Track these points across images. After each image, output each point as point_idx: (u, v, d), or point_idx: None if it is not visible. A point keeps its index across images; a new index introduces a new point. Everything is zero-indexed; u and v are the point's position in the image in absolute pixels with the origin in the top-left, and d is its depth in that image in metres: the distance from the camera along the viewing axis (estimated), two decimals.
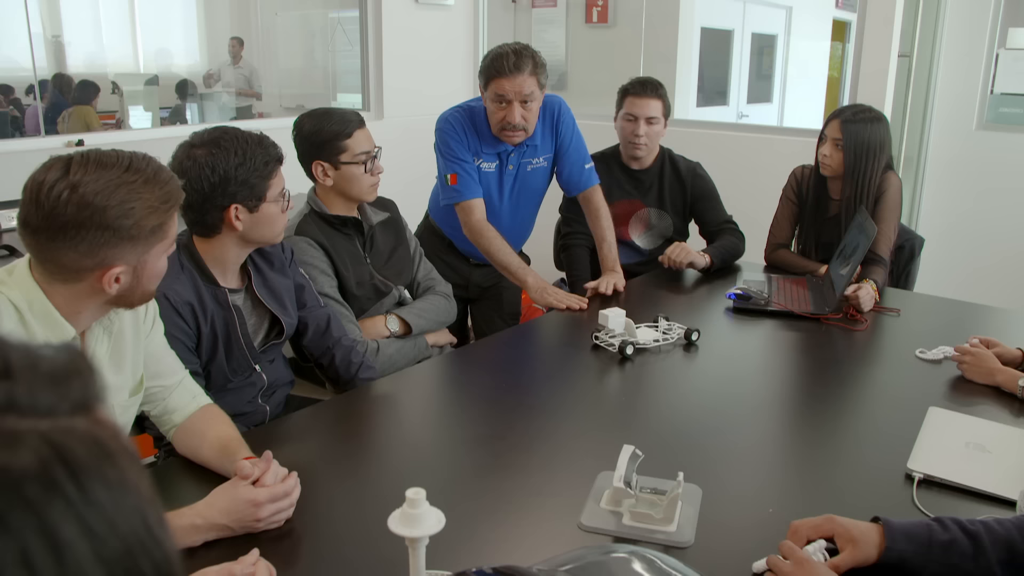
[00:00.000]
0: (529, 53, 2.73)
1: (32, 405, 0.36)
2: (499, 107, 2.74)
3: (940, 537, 1.29)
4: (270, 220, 1.92)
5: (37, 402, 0.36)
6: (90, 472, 0.35)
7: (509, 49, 2.71)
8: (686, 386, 2.22)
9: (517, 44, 2.76)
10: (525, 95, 2.72)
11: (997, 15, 4.18)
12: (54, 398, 0.37)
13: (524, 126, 2.78)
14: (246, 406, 2.03)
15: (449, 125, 2.86)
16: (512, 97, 2.71)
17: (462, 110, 2.90)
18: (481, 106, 2.87)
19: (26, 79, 4.84)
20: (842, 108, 2.95)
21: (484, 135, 2.87)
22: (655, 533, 1.43)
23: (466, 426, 1.98)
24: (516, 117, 2.74)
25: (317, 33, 6.71)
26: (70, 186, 1.30)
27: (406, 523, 1.07)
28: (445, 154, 2.87)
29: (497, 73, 2.70)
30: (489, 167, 2.92)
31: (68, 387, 0.37)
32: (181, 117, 6.30)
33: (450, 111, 2.91)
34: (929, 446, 1.73)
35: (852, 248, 2.63)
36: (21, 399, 0.35)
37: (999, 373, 2.07)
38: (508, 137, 2.81)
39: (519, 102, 2.72)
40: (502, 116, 2.75)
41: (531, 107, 2.76)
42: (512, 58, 2.68)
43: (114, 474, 0.37)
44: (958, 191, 4.32)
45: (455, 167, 2.85)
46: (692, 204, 3.24)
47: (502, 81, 2.69)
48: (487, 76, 2.74)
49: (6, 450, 0.33)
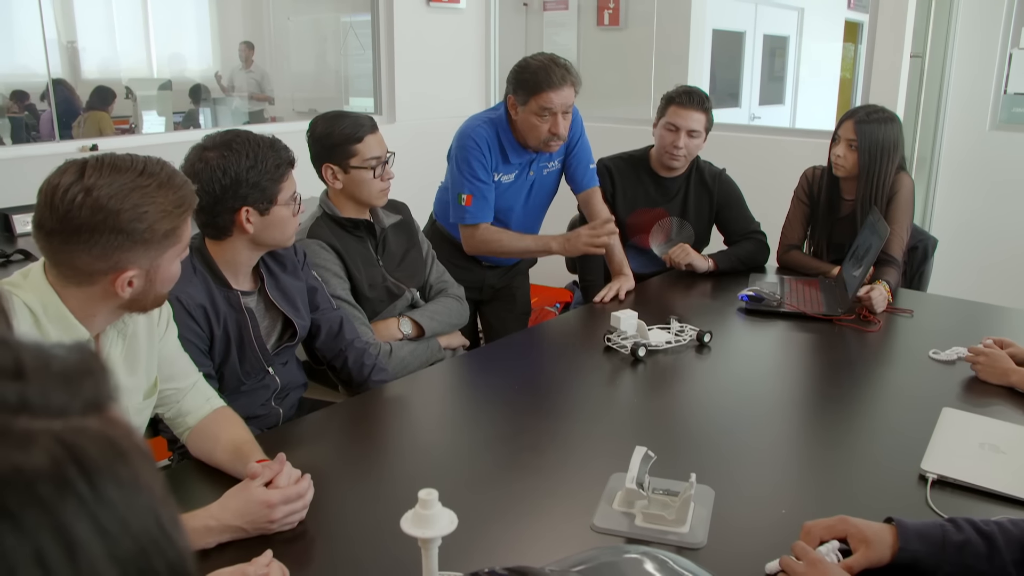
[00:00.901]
0: (566, 64, 2.77)
1: (45, 405, 0.36)
2: (542, 120, 2.75)
3: (954, 538, 1.28)
4: (281, 223, 1.93)
5: (50, 402, 0.36)
6: (103, 472, 0.36)
7: (550, 61, 2.74)
8: (698, 388, 2.22)
9: (550, 55, 2.78)
10: (568, 106, 2.77)
11: (1010, 15, 4.16)
12: (66, 398, 0.37)
13: (565, 135, 2.83)
14: (259, 408, 2.04)
15: (474, 143, 2.84)
16: (558, 109, 2.74)
17: (486, 124, 2.87)
18: (503, 116, 2.86)
19: (40, 84, 4.88)
20: (855, 109, 2.94)
21: (510, 147, 2.86)
22: (667, 534, 1.43)
23: (479, 428, 1.98)
24: (562, 128, 2.77)
25: (329, 37, 6.74)
26: (84, 190, 1.32)
27: (418, 524, 1.08)
28: (464, 172, 2.85)
29: (547, 86, 2.71)
30: (508, 178, 2.92)
31: (80, 387, 0.38)
32: (194, 122, 6.33)
33: (475, 125, 2.88)
34: (943, 447, 1.72)
35: (865, 249, 2.63)
36: (34, 399, 0.36)
37: (1013, 373, 2.06)
38: (551, 148, 2.85)
39: (562, 113, 2.75)
40: (547, 128, 2.76)
41: (569, 116, 2.81)
42: (557, 71, 2.72)
43: (127, 473, 0.37)
44: (971, 191, 4.30)
45: (472, 188, 2.84)
46: (718, 212, 3.23)
47: (550, 94, 2.71)
48: (531, 90, 2.73)
49: (19, 450, 0.33)
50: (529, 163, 2.92)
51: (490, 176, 2.86)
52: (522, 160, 2.91)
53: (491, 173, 2.86)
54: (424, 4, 4.98)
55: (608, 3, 5.28)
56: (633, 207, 3.15)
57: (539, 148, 2.84)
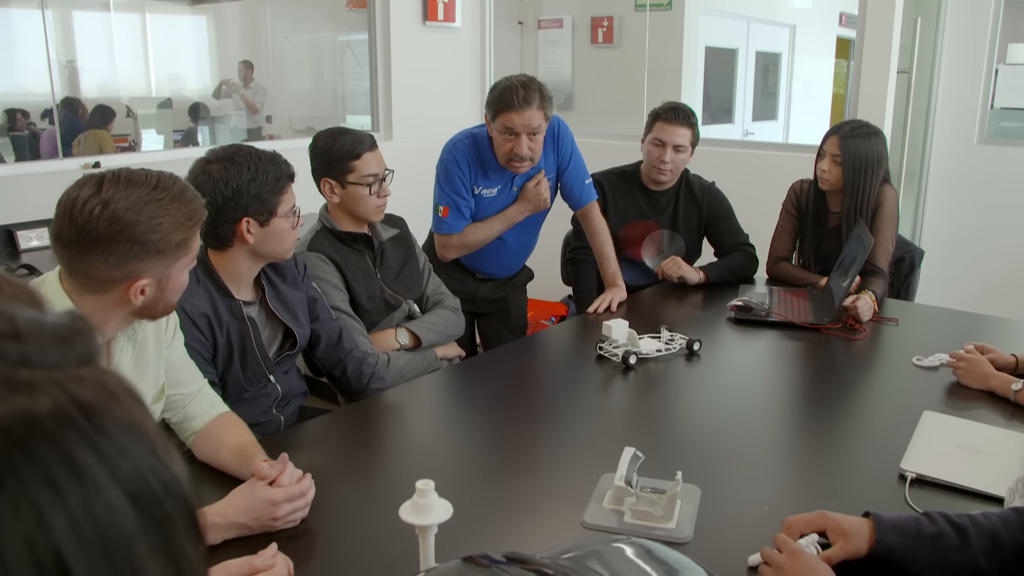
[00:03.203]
0: (536, 86, 2.78)
1: (42, 361, 0.41)
2: (507, 139, 2.79)
3: (928, 530, 1.35)
4: (280, 235, 2.00)
5: (46, 358, 0.42)
6: (100, 409, 0.41)
7: (517, 82, 2.76)
8: (687, 394, 2.29)
9: (524, 77, 2.81)
10: (533, 128, 2.78)
11: (996, 31, 4.26)
12: (60, 353, 0.42)
13: (531, 156, 2.84)
14: (261, 416, 2.10)
15: (452, 157, 2.93)
16: (520, 130, 2.76)
17: (467, 139, 2.95)
18: (485, 133, 2.93)
19: (40, 104, 4.95)
20: (839, 124, 3.02)
21: (489, 162, 2.93)
22: (655, 530, 1.49)
23: (474, 432, 2.05)
24: (524, 149, 2.79)
25: (327, 56, 6.83)
26: (102, 202, 1.40)
27: (416, 512, 1.14)
28: (443, 185, 2.95)
29: (506, 107, 2.75)
30: (491, 192, 2.98)
31: (72, 344, 0.43)
32: (193, 140, 6.41)
33: (456, 140, 2.97)
34: (922, 447, 1.79)
35: (851, 260, 2.70)
36: (32, 356, 0.41)
37: (993, 378, 2.13)
38: (515, 167, 2.88)
39: (527, 134, 2.78)
40: (510, 148, 2.80)
41: (537, 139, 2.82)
42: (521, 92, 2.73)
43: (121, 411, 0.42)
44: (960, 205, 4.38)
45: (449, 200, 2.94)
46: (707, 224, 3.31)
47: (511, 115, 2.75)
48: (495, 109, 2.78)
49: (25, 396, 0.39)
50: (512, 178, 2.98)
51: (468, 190, 2.94)
52: (504, 175, 2.96)
53: (469, 187, 2.94)
54: (420, 23, 5.07)
55: (602, 21, 5.37)
56: (625, 220, 3.23)
57: (506, 167, 2.89)
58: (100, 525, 0.39)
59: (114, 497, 0.40)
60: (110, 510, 0.39)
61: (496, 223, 2.99)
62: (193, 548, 0.44)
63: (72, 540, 0.38)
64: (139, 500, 0.41)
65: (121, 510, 0.40)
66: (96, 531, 0.39)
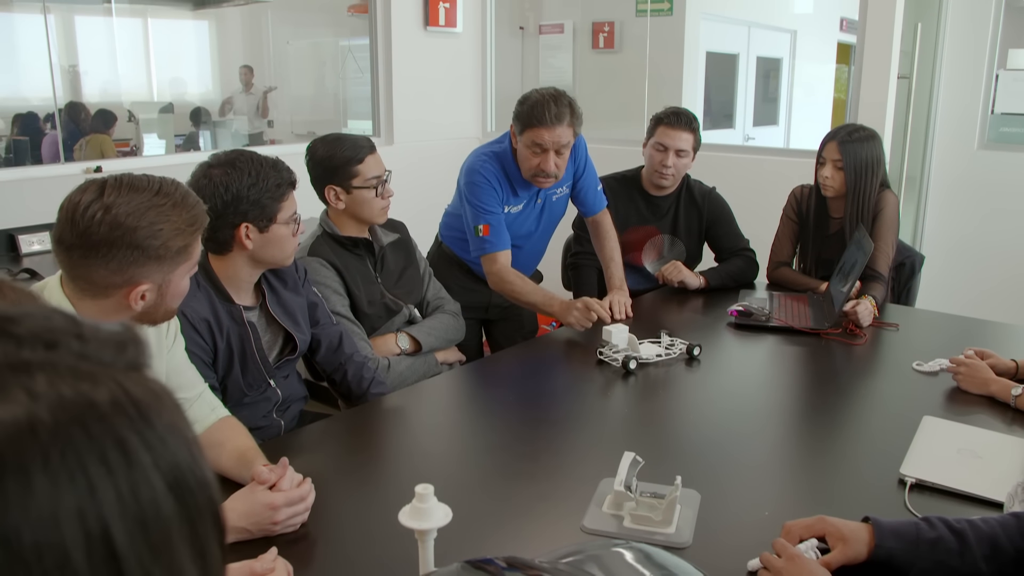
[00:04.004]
0: (567, 101, 2.72)
1: (99, 358, 0.46)
2: (534, 154, 2.74)
3: (927, 535, 1.35)
4: (280, 241, 2.01)
5: (103, 357, 0.46)
6: (148, 407, 0.46)
7: (549, 97, 2.70)
8: (687, 399, 2.29)
9: (554, 91, 2.75)
10: (562, 145, 2.73)
11: (996, 36, 4.27)
12: (114, 356, 0.47)
13: (557, 173, 2.79)
14: (261, 420, 2.11)
15: (482, 177, 2.84)
16: (549, 146, 2.71)
17: (491, 157, 2.88)
18: (507, 149, 2.87)
19: (42, 108, 4.97)
20: (836, 130, 3.03)
21: (516, 179, 2.88)
22: (655, 535, 1.49)
23: (473, 437, 2.05)
24: (551, 166, 2.74)
25: (328, 61, 6.85)
26: (104, 207, 1.41)
27: (415, 517, 1.15)
28: (475, 205, 2.85)
29: (537, 122, 2.69)
30: (516, 209, 2.94)
31: (125, 349, 0.48)
32: (195, 144, 6.42)
33: (479, 159, 2.89)
34: (922, 452, 1.79)
35: (851, 265, 2.70)
36: (91, 353, 0.46)
37: (993, 383, 2.13)
38: (540, 183, 2.83)
39: (554, 151, 2.73)
40: (537, 163, 2.75)
41: (564, 155, 2.77)
42: (553, 108, 2.67)
43: (165, 412, 0.47)
44: (961, 210, 4.38)
45: (487, 219, 2.83)
46: (707, 229, 3.31)
47: (541, 131, 2.69)
48: (524, 123, 2.72)
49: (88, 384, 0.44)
50: (536, 192, 2.94)
51: (501, 207, 2.87)
52: (529, 190, 2.93)
53: (503, 205, 2.88)
54: (422, 28, 5.09)
55: (603, 27, 5.39)
56: (625, 225, 3.23)
57: (531, 182, 2.84)
58: (142, 505, 0.43)
59: (156, 483, 0.44)
60: (153, 493, 0.44)
61: (537, 295, 2.82)
62: (218, 546, 0.48)
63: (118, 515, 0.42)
64: (176, 490, 0.45)
65: (162, 496, 0.44)
66: (139, 510, 0.43)
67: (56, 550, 0.40)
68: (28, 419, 0.41)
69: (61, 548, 0.40)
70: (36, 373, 0.43)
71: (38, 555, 0.40)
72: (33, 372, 0.43)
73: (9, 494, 0.40)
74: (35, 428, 0.41)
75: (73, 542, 0.41)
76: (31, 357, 0.44)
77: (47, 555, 0.40)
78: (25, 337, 0.45)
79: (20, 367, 0.43)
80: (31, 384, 0.42)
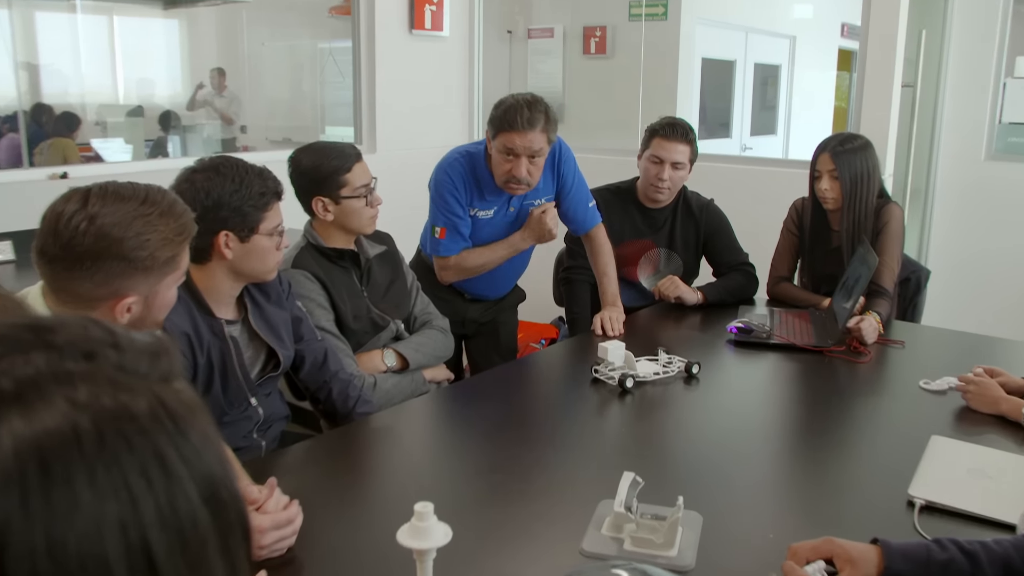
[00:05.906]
0: (542, 108, 2.78)
1: (135, 369, 0.49)
2: (506, 159, 2.79)
3: (938, 557, 1.38)
4: (261, 253, 2.02)
5: (138, 367, 0.50)
6: (184, 418, 0.49)
7: (523, 102, 2.76)
8: (687, 418, 2.32)
9: (530, 96, 2.81)
10: (534, 151, 2.78)
11: (1003, 44, 4.34)
12: (149, 366, 0.50)
13: (528, 180, 2.84)
14: (241, 440, 2.12)
15: (447, 176, 2.93)
16: (521, 152, 2.76)
17: (463, 158, 2.95)
18: (482, 152, 2.93)
19: (1, 109, 4.95)
20: (827, 140, 3.07)
21: (486, 183, 2.93)
22: (656, 558, 1.52)
23: (466, 457, 2.08)
24: (522, 172, 2.79)
25: (306, 64, 6.86)
26: (88, 217, 1.42)
27: (415, 536, 1.17)
28: (438, 205, 2.96)
29: (509, 127, 2.74)
30: (487, 214, 2.99)
31: (159, 360, 0.51)
32: (163, 150, 6.39)
33: (450, 159, 2.97)
34: (931, 473, 1.83)
35: (854, 280, 2.75)
36: (127, 364, 0.49)
37: (1003, 402, 2.17)
38: (512, 189, 2.88)
39: (527, 157, 2.78)
40: (508, 169, 2.80)
41: (537, 162, 2.82)
42: (526, 112, 2.73)
43: (199, 425, 0.50)
44: (968, 223, 4.44)
45: (445, 220, 2.94)
46: (705, 242, 3.35)
47: (513, 135, 2.75)
48: (497, 127, 2.78)
49: (128, 395, 0.47)
50: (509, 199, 2.99)
51: (465, 210, 2.94)
52: (501, 197, 2.97)
53: (465, 207, 2.94)
54: (406, 31, 5.12)
55: (594, 31, 5.44)
56: (621, 239, 3.26)
57: (503, 188, 2.90)
58: (180, 517, 0.46)
59: (192, 495, 0.47)
60: (190, 506, 0.47)
61: (499, 249, 3.00)
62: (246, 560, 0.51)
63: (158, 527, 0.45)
64: (210, 503, 0.48)
65: (198, 508, 0.47)
66: (177, 522, 0.46)
67: (98, 561, 0.43)
68: (72, 428, 0.44)
69: (103, 559, 0.43)
70: (78, 384, 0.46)
71: (82, 565, 0.43)
72: (75, 383, 0.46)
73: (56, 505, 0.42)
74: (80, 438, 0.44)
75: (115, 553, 0.43)
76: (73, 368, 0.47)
77: (90, 565, 0.43)
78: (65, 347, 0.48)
79: (63, 377, 0.46)
80: (74, 394, 0.45)
